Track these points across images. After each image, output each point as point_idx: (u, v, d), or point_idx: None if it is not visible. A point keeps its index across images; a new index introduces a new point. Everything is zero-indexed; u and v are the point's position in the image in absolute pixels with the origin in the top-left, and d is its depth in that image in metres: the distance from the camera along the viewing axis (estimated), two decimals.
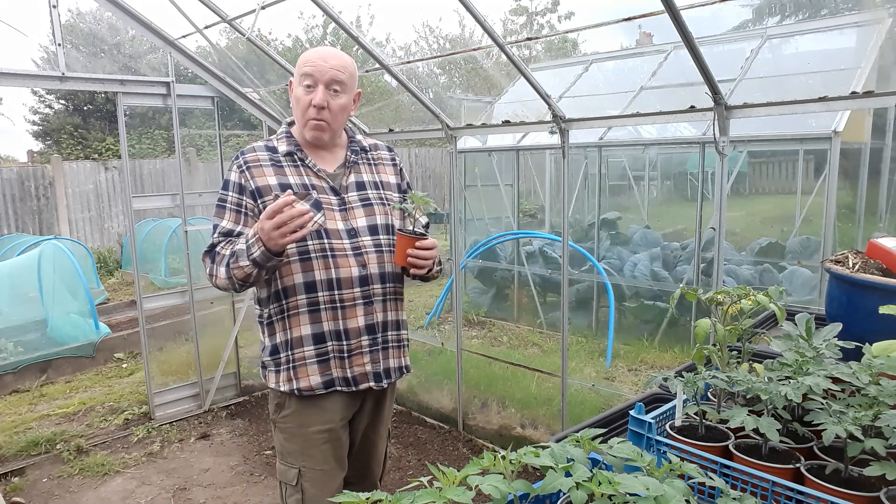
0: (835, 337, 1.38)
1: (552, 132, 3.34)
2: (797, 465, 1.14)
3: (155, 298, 4.48)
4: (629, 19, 2.85)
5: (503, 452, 0.98)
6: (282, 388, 1.89)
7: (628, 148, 7.16)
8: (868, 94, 2.35)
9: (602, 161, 6.71)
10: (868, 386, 1.17)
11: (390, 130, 4.30)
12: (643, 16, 2.70)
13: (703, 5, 2.63)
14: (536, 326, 6.59)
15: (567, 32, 23.66)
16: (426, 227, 2.09)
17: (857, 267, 1.70)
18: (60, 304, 5.87)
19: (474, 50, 6.05)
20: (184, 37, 4.10)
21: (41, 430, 4.30)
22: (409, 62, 4.77)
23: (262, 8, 3.62)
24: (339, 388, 1.89)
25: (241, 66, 4.34)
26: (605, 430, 1.27)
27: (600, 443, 1.05)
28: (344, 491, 0.92)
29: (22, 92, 19.46)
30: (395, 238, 1.89)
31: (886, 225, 6.17)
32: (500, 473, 0.94)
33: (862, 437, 1.08)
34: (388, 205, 1.98)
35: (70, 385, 5.33)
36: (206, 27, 4.04)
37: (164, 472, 3.79)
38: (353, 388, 1.90)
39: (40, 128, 16.13)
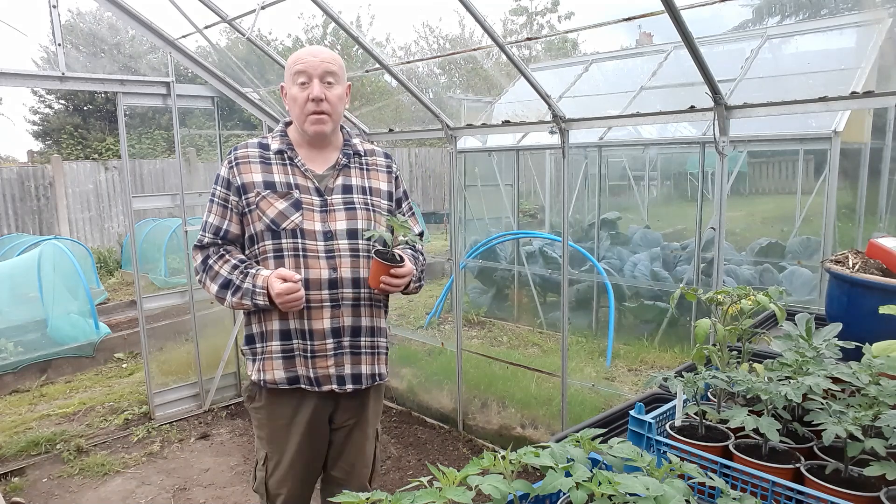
0: (835, 337, 1.38)
1: (552, 132, 3.34)
2: (797, 465, 1.14)
3: (155, 298, 4.48)
4: (629, 19, 2.85)
5: (503, 452, 0.98)
6: (253, 378, 1.97)
7: (628, 148, 7.17)
8: (868, 94, 2.35)
9: (602, 161, 6.71)
10: (868, 386, 1.17)
11: (390, 130, 4.30)
12: (643, 16, 2.70)
13: (703, 5, 2.63)
14: (536, 326, 6.58)
15: (567, 32, 23.65)
16: (420, 235, 2.09)
17: (857, 267, 1.70)
18: (60, 304, 5.87)
19: (474, 50, 6.05)
20: (184, 37, 4.10)
21: (41, 430, 4.30)
22: (409, 62, 4.77)
23: (262, 8, 3.62)
24: (303, 386, 1.93)
25: (241, 66, 4.34)
26: (605, 430, 1.27)
27: (600, 443, 1.05)
28: (344, 491, 0.92)
29: (22, 92, 19.48)
30: (371, 260, 1.87)
31: (886, 225, 6.17)
32: (500, 473, 0.94)
33: (862, 437, 1.08)
34: (375, 211, 1.97)
35: (70, 385, 5.33)
36: (206, 27, 4.04)
37: (164, 472, 3.79)
38: (317, 389, 1.93)
39: (40, 128, 16.13)
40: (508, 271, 7.15)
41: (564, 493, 0.96)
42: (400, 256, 1.89)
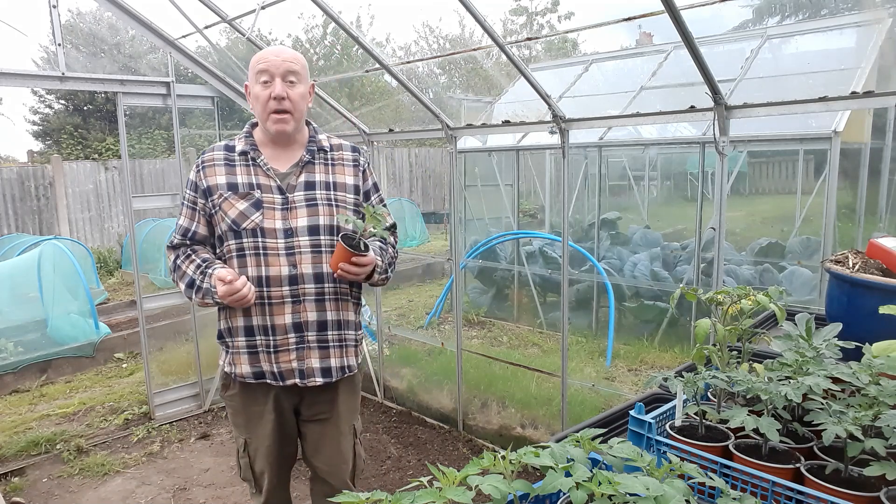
0: (835, 337, 1.38)
1: (552, 132, 3.34)
2: (797, 465, 1.14)
3: (155, 298, 4.47)
4: (629, 19, 2.85)
5: (503, 452, 0.98)
6: (225, 370, 2.07)
7: (628, 148, 7.16)
8: (868, 94, 2.35)
9: (602, 161, 6.71)
10: (868, 386, 1.17)
11: (390, 130, 4.30)
12: (643, 16, 2.70)
13: (703, 5, 2.63)
14: (536, 326, 6.58)
15: (567, 32, 23.65)
16: (393, 227, 2.13)
17: (857, 267, 1.70)
18: (60, 304, 5.87)
19: (474, 50, 6.05)
20: (184, 37, 4.11)
21: (41, 430, 4.30)
22: (409, 62, 4.77)
23: (262, 8, 3.62)
24: (268, 381, 2.00)
25: (241, 66, 4.34)
26: (605, 430, 1.27)
27: (600, 443, 1.05)
28: (343, 491, 0.92)
29: (22, 92, 19.47)
30: (336, 244, 1.89)
31: (886, 225, 6.17)
32: (500, 473, 0.94)
33: (862, 437, 1.08)
34: (338, 206, 2.00)
35: (70, 385, 5.33)
36: (206, 27, 4.04)
37: (164, 472, 3.79)
38: (281, 383, 2.00)
39: (40, 128, 16.13)
40: (508, 271, 7.15)
41: (564, 493, 0.96)
42: (365, 245, 1.91)
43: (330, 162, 2.04)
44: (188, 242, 2.01)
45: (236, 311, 1.97)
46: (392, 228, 2.13)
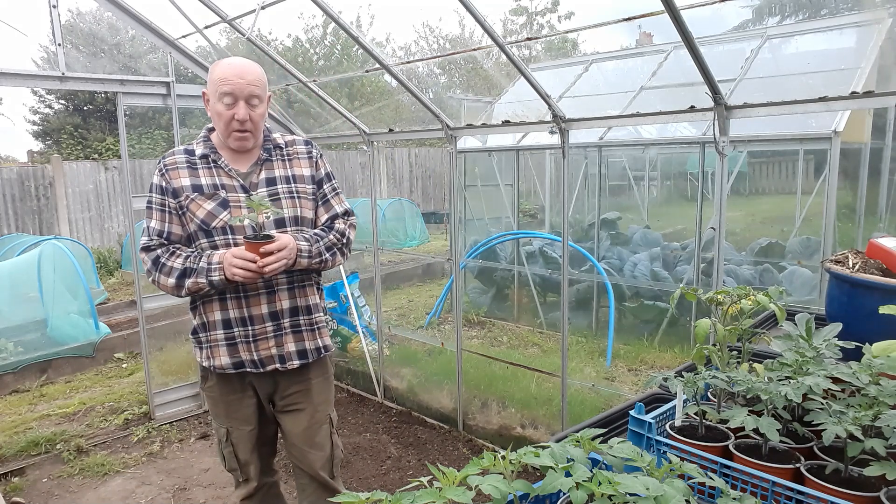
0: (835, 337, 1.38)
1: (552, 132, 3.34)
2: (797, 465, 1.14)
3: (155, 298, 4.47)
4: (629, 19, 2.85)
5: (503, 452, 0.98)
6: (203, 364, 2.13)
7: (628, 148, 7.16)
8: (868, 94, 2.35)
9: (602, 161, 6.71)
10: (868, 386, 1.17)
11: (390, 130, 4.30)
12: (643, 16, 2.70)
13: (703, 5, 2.63)
14: (536, 326, 6.58)
15: (567, 32, 23.65)
16: (345, 213, 2.19)
17: (857, 267, 1.70)
18: (60, 304, 5.86)
19: (474, 50, 6.05)
20: (184, 37, 4.11)
21: (41, 430, 4.30)
22: (409, 62, 4.77)
23: (262, 8, 3.62)
24: (248, 370, 2.08)
25: None
26: (605, 430, 1.27)
27: (600, 443, 1.05)
28: (343, 491, 0.92)
29: (22, 92, 19.45)
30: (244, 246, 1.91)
31: (886, 225, 6.18)
32: (500, 473, 0.94)
33: (862, 437, 1.08)
34: (300, 197, 2.10)
35: (70, 385, 5.33)
36: (206, 27, 4.04)
37: (164, 472, 3.79)
38: (261, 370, 2.08)
39: (40, 128, 16.12)
40: (508, 271, 7.15)
41: (564, 493, 0.96)
42: (266, 235, 1.93)
43: (286, 157, 2.14)
44: (165, 243, 2.03)
45: (212, 305, 2.03)
46: (345, 215, 2.19)
